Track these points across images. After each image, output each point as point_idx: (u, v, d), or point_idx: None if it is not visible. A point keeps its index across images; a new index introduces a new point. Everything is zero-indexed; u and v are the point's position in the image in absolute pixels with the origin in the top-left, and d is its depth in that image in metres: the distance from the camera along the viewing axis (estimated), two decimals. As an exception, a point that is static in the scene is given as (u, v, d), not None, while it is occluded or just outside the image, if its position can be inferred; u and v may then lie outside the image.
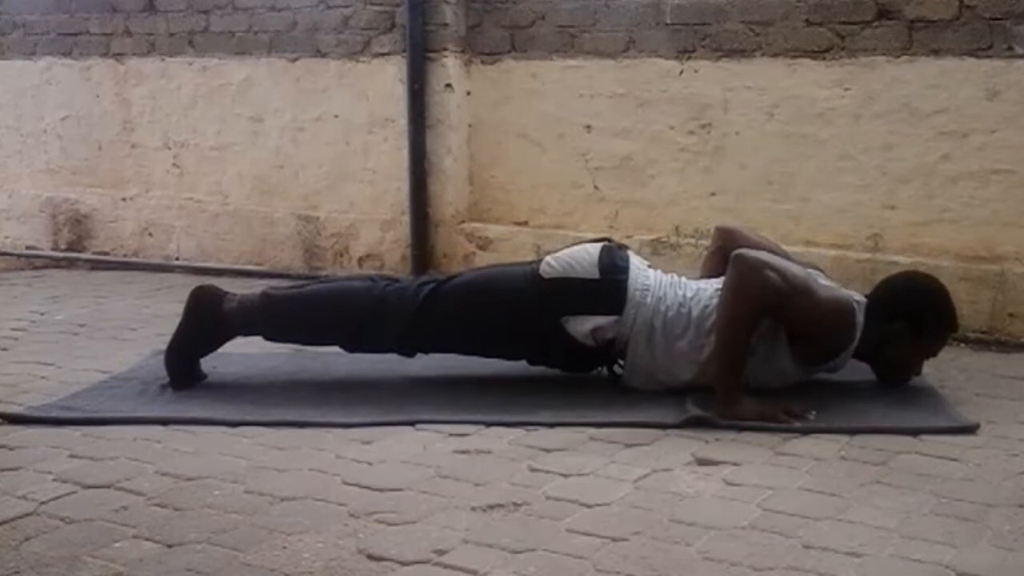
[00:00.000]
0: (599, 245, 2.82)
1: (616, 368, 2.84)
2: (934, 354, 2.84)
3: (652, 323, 2.72)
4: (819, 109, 3.67)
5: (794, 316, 2.63)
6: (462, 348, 2.93)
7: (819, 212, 3.70)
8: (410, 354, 2.95)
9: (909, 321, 2.74)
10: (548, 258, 2.82)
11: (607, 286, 2.73)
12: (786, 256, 2.81)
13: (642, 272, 2.79)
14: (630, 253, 2.85)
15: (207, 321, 2.87)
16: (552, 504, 2.07)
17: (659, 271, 2.84)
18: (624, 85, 4.01)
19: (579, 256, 2.78)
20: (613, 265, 2.76)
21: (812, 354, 2.72)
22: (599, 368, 2.86)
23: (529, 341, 2.81)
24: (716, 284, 2.76)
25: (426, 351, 2.93)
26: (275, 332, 2.96)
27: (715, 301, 2.71)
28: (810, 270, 2.78)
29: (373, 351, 2.95)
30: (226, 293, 2.92)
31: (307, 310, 2.90)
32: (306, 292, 2.95)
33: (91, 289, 4.45)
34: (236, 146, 4.81)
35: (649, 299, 2.73)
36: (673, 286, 2.78)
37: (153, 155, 5.03)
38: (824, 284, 2.75)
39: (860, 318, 2.71)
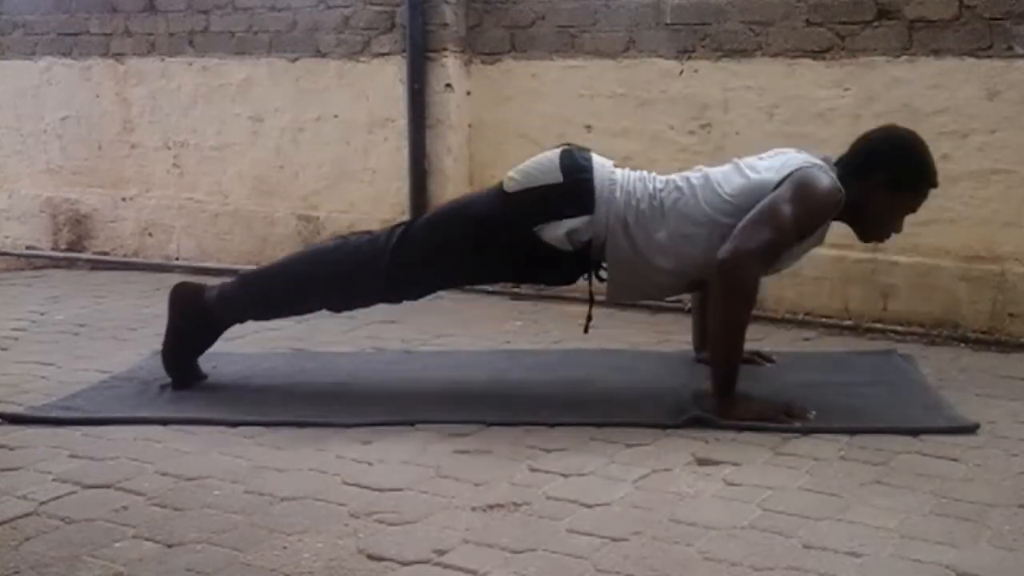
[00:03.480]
0: (559, 149, 2.77)
1: (601, 273, 2.78)
2: (913, 209, 2.79)
3: (625, 218, 2.67)
4: (819, 109, 3.68)
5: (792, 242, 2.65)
6: (445, 282, 2.93)
7: (819, 212, 3.70)
8: (396, 300, 2.93)
9: (886, 174, 2.69)
10: (510, 172, 2.77)
11: (573, 187, 2.68)
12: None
13: (607, 169, 2.75)
14: (592, 153, 2.80)
15: (193, 317, 2.86)
16: (552, 504, 2.07)
17: (627, 169, 2.79)
18: (624, 85, 4.01)
19: (541, 163, 2.74)
20: (576, 165, 2.71)
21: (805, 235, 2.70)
22: (583, 275, 2.78)
23: (508, 259, 2.76)
24: (686, 173, 2.76)
25: (410, 294, 2.90)
26: (262, 310, 2.94)
27: (687, 187, 2.70)
28: (796, 164, 2.68)
29: (360, 305, 2.95)
30: (205, 286, 2.92)
31: (285, 279, 2.88)
32: (281, 262, 2.94)
33: (91, 289, 4.45)
34: (236, 146, 4.81)
35: (618, 194, 2.69)
36: (642, 180, 2.74)
37: (153, 155, 5.03)
38: (803, 182, 2.61)
39: (836, 184, 2.64)
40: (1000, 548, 1.87)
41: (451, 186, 4.29)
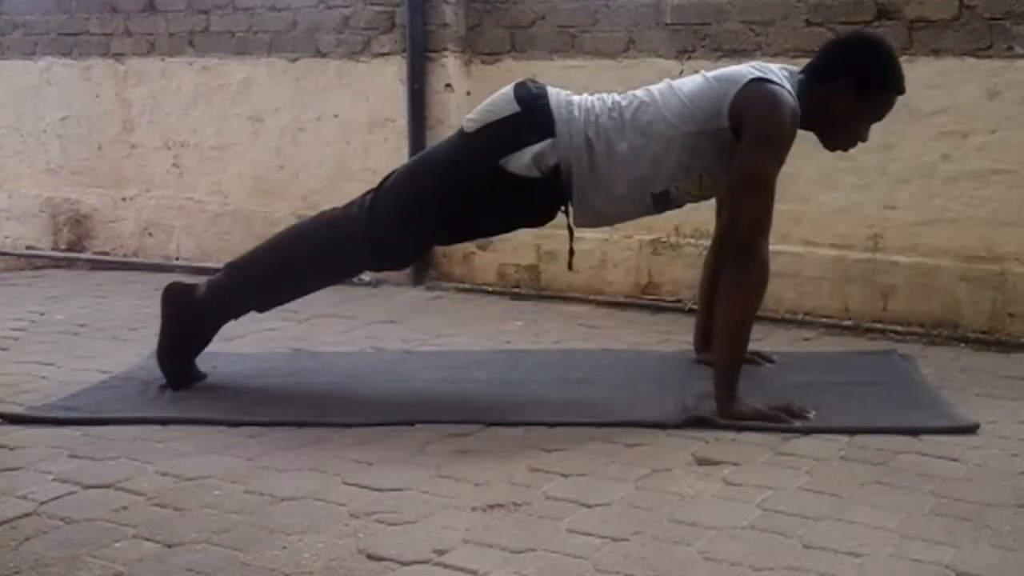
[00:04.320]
0: (511, 84, 2.77)
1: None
2: (880, 116, 2.76)
3: (586, 133, 2.67)
4: (819, 109, 3.67)
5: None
6: (424, 240, 2.93)
7: (819, 212, 3.70)
8: (383, 266, 2.96)
9: (852, 78, 2.67)
10: (468, 115, 2.78)
11: (530, 113, 2.68)
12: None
13: (562, 93, 2.75)
14: (547, 85, 2.80)
15: (186, 317, 2.85)
16: (552, 504, 2.07)
17: (584, 94, 2.79)
18: (624, 85, 3.94)
19: (496, 99, 2.74)
20: (530, 94, 2.72)
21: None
22: (560, 207, 2.77)
23: (481, 201, 2.72)
24: (651, 86, 2.77)
25: (393, 258, 2.90)
26: (253, 298, 2.91)
27: (646, 96, 2.70)
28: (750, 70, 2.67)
29: (350, 274, 2.97)
30: (195, 285, 2.91)
31: (269, 262, 2.87)
32: (262, 246, 2.93)
33: (91, 289, 4.45)
34: (236, 146, 4.81)
35: (577, 112, 2.69)
36: (600, 98, 2.75)
37: (153, 155, 5.03)
38: (765, 117, 2.60)
39: (794, 91, 2.64)
40: (1000, 548, 1.87)
41: (451, 186, 4.29)
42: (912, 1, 3.51)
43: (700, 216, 3.46)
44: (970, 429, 2.49)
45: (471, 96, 4.31)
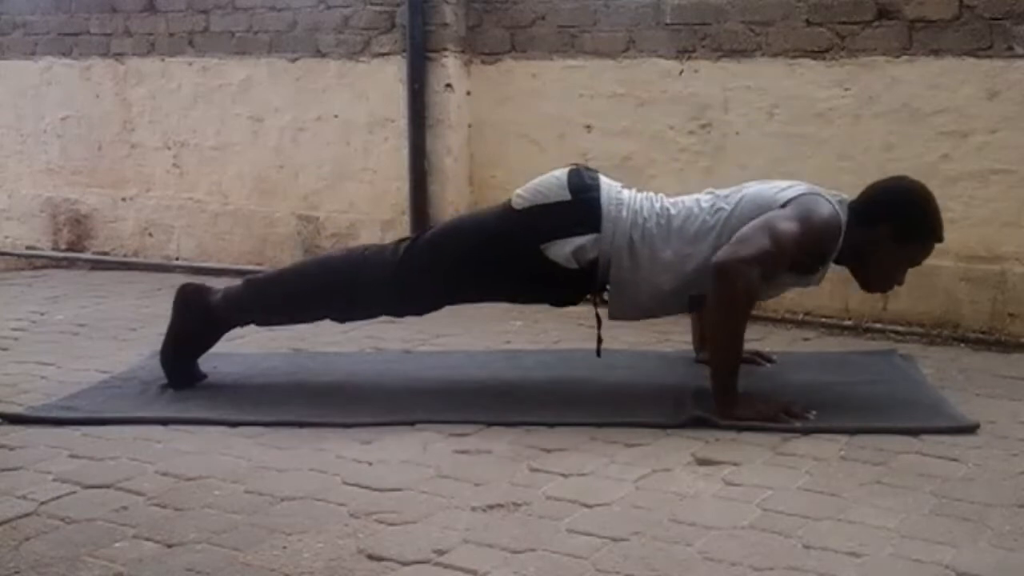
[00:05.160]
0: (567, 168, 2.79)
1: (605, 295, 2.79)
2: (918, 262, 2.79)
3: (631, 235, 2.68)
4: (819, 109, 3.68)
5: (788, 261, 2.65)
6: (448, 298, 2.92)
7: (819, 212, 3.70)
8: (398, 313, 2.96)
9: (892, 225, 2.69)
10: (518, 190, 2.79)
11: (580, 205, 2.70)
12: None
13: (614, 188, 2.76)
14: (600, 174, 2.81)
15: (196, 318, 2.86)
16: (552, 504, 2.07)
17: (633, 189, 2.80)
18: (624, 85, 4.01)
19: (548, 182, 2.75)
20: (583, 184, 2.73)
21: (805, 266, 2.70)
22: (588, 296, 2.80)
23: (513, 276, 2.76)
24: (696, 195, 2.78)
25: (412, 308, 2.92)
26: (265, 316, 2.95)
27: (696, 207, 2.72)
28: (796, 191, 2.70)
29: (361, 316, 2.97)
30: (211, 288, 2.93)
31: (290, 286, 2.89)
32: (287, 269, 2.97)
33: (91, 289, 4.45)
34: (236, 146, 4.81)
35: (625, 212, 2.70)
36: (649, 199, 2.76)
37: (153, 155, 5.03)
38: (805, 206, 2.64)
39: (843, 219, 2.67)
40: (1000, 548, 1.87)
41: (451, 186, 4.30)
42: (912, 1, 3.51)
43: (700, 216, 3.47)
44: (970, 429, 2.49)
45: (471, 96, 4.32)
